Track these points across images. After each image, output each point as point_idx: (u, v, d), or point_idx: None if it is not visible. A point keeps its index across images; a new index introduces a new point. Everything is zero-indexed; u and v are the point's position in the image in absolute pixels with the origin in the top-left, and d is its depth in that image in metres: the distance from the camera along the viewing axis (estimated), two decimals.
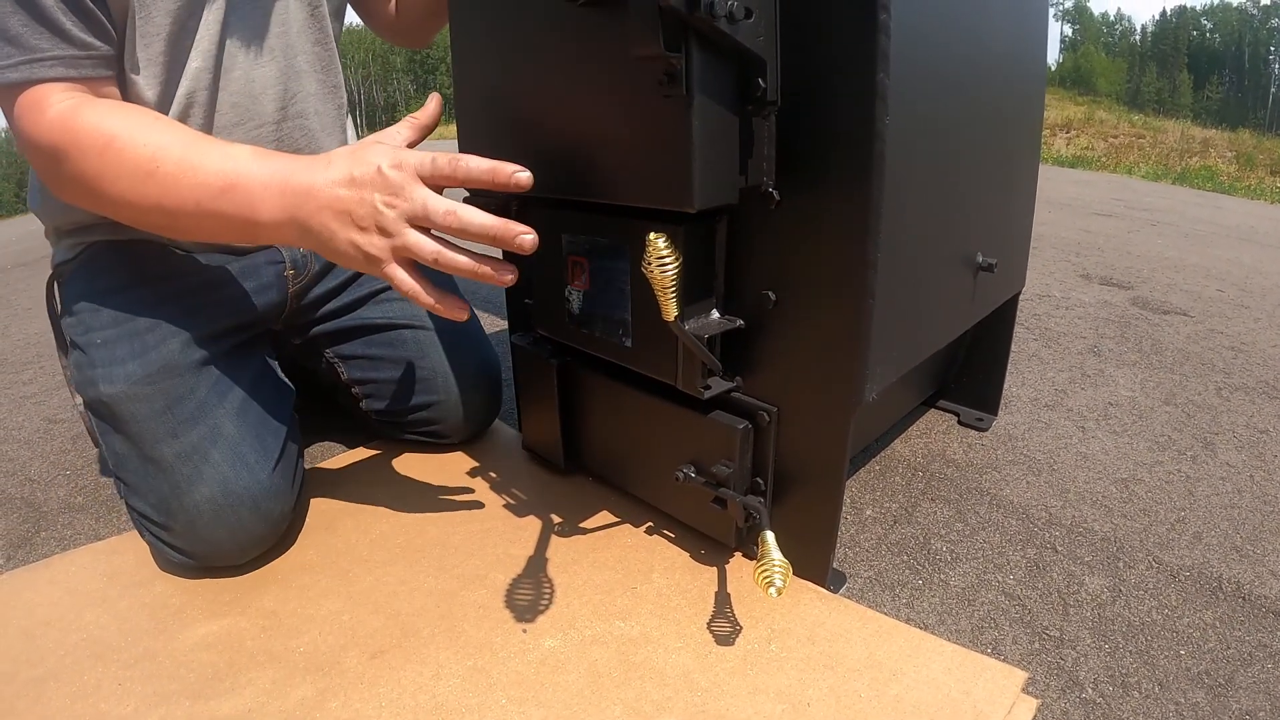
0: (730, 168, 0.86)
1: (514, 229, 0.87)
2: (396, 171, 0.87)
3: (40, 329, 2.55)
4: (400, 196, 0.86)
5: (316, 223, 0.90)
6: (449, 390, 1.36)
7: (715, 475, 1.01)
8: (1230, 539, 1.16)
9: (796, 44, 0.82)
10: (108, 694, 0.91)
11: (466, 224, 0.87)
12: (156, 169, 0.94)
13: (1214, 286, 2.58)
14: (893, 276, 0.88)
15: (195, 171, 0.94)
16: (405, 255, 0.89)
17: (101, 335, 1.13)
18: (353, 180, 0.88)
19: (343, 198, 0.88)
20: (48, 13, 0.94)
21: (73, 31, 0.96)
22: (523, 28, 0.98)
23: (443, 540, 1.17)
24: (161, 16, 1.04)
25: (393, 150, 0.89)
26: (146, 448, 1.08)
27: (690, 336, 0.89)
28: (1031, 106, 1.28)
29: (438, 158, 0.88)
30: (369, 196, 0.87)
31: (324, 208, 0.89)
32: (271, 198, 0.92)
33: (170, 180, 0.94)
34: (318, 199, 0.89)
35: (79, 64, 0.98)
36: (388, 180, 0.87)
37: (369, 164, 0.88)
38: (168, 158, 0.94)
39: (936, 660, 0.92)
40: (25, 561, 1.20)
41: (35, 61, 0.95)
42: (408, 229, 0.87)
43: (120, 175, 0.95)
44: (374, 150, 0.89)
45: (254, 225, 0.94)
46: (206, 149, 0.96)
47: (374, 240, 0.88)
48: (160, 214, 0.97)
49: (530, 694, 0.88)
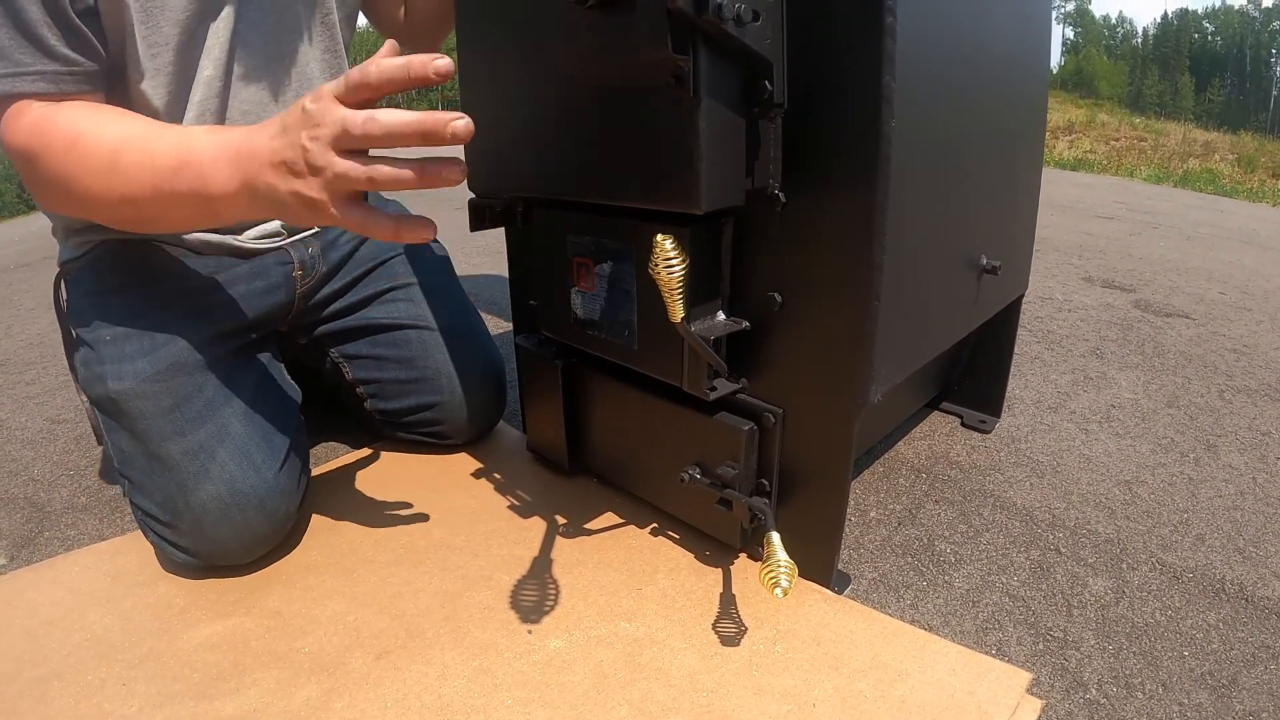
0: (737, 170, 0.86)
1: (443, 116, 0.81)
2: (315, 103, 0.84)
3: (43, 329, 2.55)
4: (320, 125, 0.83)
5: (261, 183, 0.88)
6: (453, 391, 1.37)
7: (720, 476, 1.02)
8: (1233, 541, 1.16)
9: (803, 46, 0.82)
10: (112, 694, 0.91)
11: (389, 126, 0.82)
12: (118, 160, 0.94)
13: (1216, 289, 2.58)
14: (898, 279, 0.88)
15: (151, 156, 0.93)
16: (341, 187, 0.85)
17: (110, 332, 1.13)
18: (284, 128, 0.86)
19: (277, 149, 0.86)
20: (33, 28, 0.94)
21: (56, 47, 0.97)
22: (530, 29, 0.99)
23: (447, 541, 1.18)
24: (170, 27, 1.05)
25: (317, 90, 0.86)
26: (153, 445, 1.09)
27: (696, 338, 0.89)
28: (1034, 109, 1.28)
29: (351, 72, 0.83)
30: (296, 136, 0.84)
31: (264, 165, 0.87)
32: (222, 168, 0.91)
33: (133, 169, 0.94)
34: (259, 157, 0.88)
35: (60, 80, 0.99)
36: (309, 114, 0.84)
37: (295, 107, 0.86)
38: (128, 148, 0.94)
39: (941, 661, 0.92)
40: (29, 561, 1.20)
41: (18, 76, 0.96)
42: (334, 157, 0.83)
43: (86, 171, 0.95)
44: (304, 96, 0.87)
45: (209, 200, 0.93)
46: (162, 133, 0.96)
47: (309, 182, 0.85)
48: (126, 205, 0.97)
49: (536, 695, 0.89)
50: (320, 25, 1.23)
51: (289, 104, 1.19)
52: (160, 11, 1.03)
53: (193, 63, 1.09)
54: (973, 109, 1.03)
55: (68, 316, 1.23)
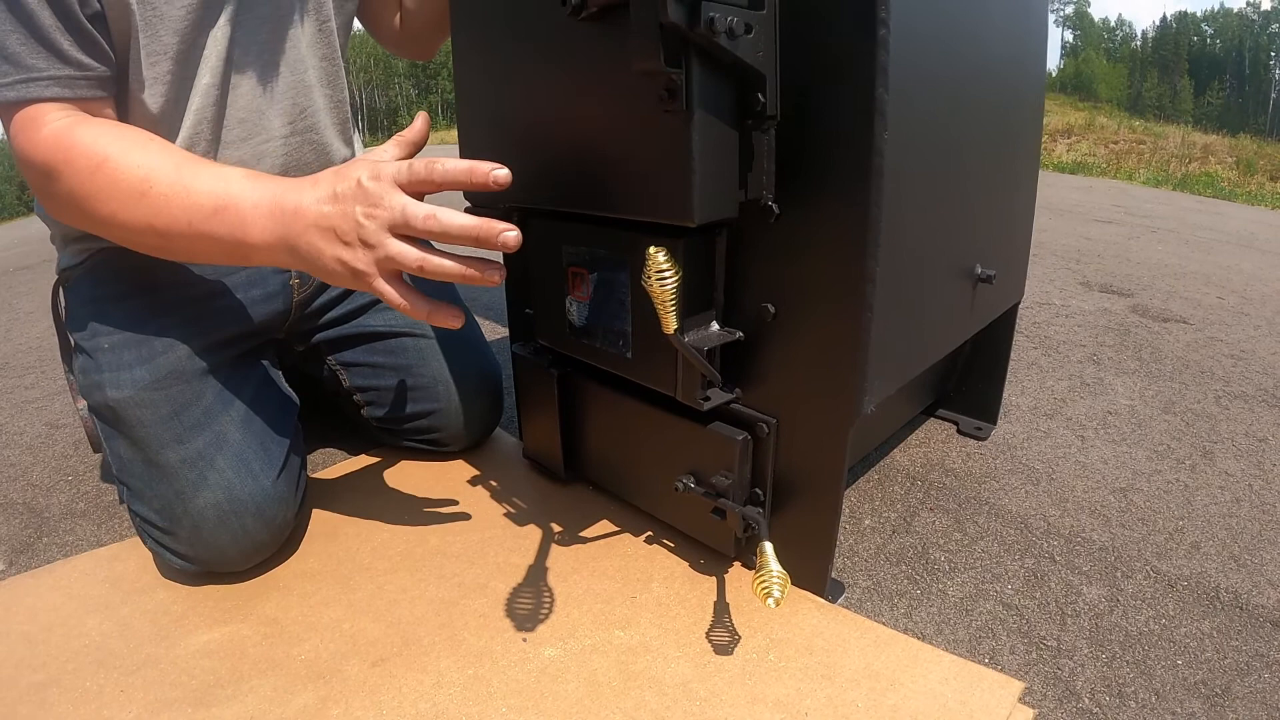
0: (730, 182, 0.86)
1: (496, 227, 0.86)
2: (374, 182, 0.87)
3: (42, 333, 2.56)
4: (379, 206, 0.86)
5: (304, 242, 0.90)
6: (450, 398, 1.37)
7: (714, 486, 1.02)
8: (1228, 548, 1.16)
9: (796, 59, 0.82)
10: (110, 700, 0.91)
11: (447, 226, 0.86)
12: (149, 190, 0.95)
13: (1214, 294, 2.58)
14: (891, 289, 0.89)
15: (188, 193, 0.94)
16: (390, 267, 0.88)
17: (109, 340, 1.13)
18: (335, 196, 0.89)
19: (327, 214, 0.89)
20: (46, 32, 0.94)
21: (70, 52, 0.97)
22: (525, 41, 0.99)
23: (443, 548, 1.18)
24: (169, 36, 1.05)
25: (373, 163, 0.89)
26: (152, 453, 1.09)
27: (690, 349, 0.89)
28: (1031, 117, 1.28)
29: (414, 163, 0.88)
30: (350, 210, 0.87)
31: (310, 226, 0.90)
32: (261, 219, 0.92)
33: (162, 201, 0.95)
34: (304, 218, 0.90)
35: (74, 84, 0.99)
36: (366, 191, 0.87)
37: (350, 179, 0.88)
38: (160, 179, 0.95)
39: (934, 670, 0.92)
40: (27, 567, 1.20)
41: (32, 81, 0.96)
42: (389, 239, 0.87)
43: (112, 195, 0.96)
44: (356, 166, 0.90)
45: (245, 246, 0.94)
46: (198, 170, 0.96)
47: (358, 254, 0.88)
48: (152, 235, 0.97)
49: (530, 703, 0.89)
50: (317, 33, 1.23)
51: (285, 110, 1.20)
52: (160, 21, 1.04)
53: (191, 71, 1.10)
54: (968, 118, 1.04)
55: (66, 324, 1.23)
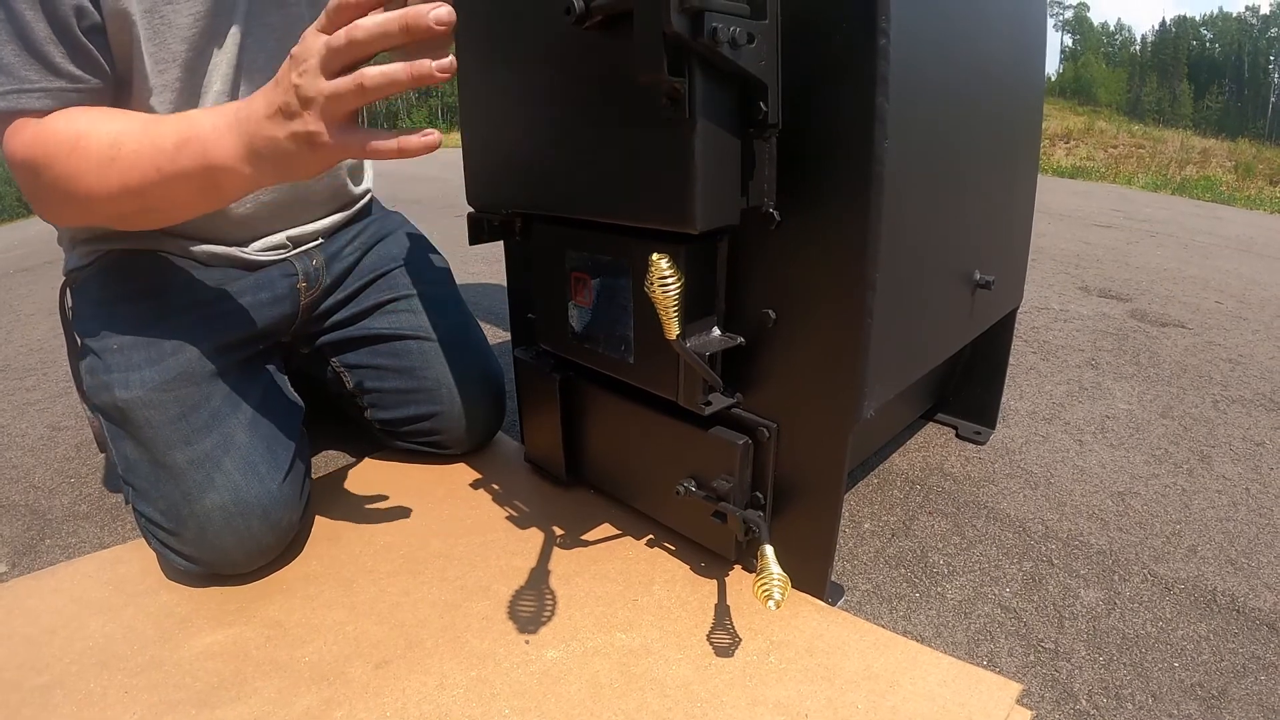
0: (732, 189, 0.87)
1: (423, 7, 0.81)
2: (299, 45, 0.86)
3: (43, 335, 2.56)
4: (306, 60, 0.85)
5: (261, 139, 0.89)
6: (452, 401, 1.38)
7: (715, 489, 1.03)
8: (1225, 552, 1.17)
9: (797, 68, 0.83)
10: (113, 702, 0.92)
11: (370, 29, 0.83)
12: (119, 152, 0.95)
13: (1212, 298, 2.59)
14: (891, 295, 0.89)
15: (154, 140, 0.95)
16: (336, 109, 0.86)
17: (117, 341, 1.14)
18: (275, 81, 0.88)
19: (271, 99, 0.88)
20: (39, 44, 0.96)
21: (61, 64, 0.98)
22: (528, 49, 1.00)
23: (446, 552, 1.18)
24: (177, 44, 1.06)
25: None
26: (159, 453, 1.10)
27: (691, 354, 0.90)
28: (1029, 122, 1.29)
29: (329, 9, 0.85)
30: (286, 80, 0.86)
31: (261, 120, 0.89)
32: (223, 136, 0.92)
33: (133, 157, 0.95)
34: (256, 113, 0.89)
35: (65, 96, 1.00)
36: (293, 56, 0.86)
37: (284, 61, 0.88)
38: (128, 138, 0.95)
39: (932, 672, 0.93)
40: (30, 569, 1.21)
41: (23, 92, 0.97)
42: (324, 82, 0.84)
43: (89, 169, 0.96)
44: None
45: (214, 171, 0.93)
46: (163, 119, 0.97)
47: (305, 118, 0.86)
48: (129, 197, 0.97)
49: (532, 705, 0.89)
50: None
51: None
52: (168, 29, 1.04)
53: (200, 79, 1.11)
54: (967, 124, 1.04)
55: (73, 324, 1.24)
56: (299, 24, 1.17)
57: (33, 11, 0.94)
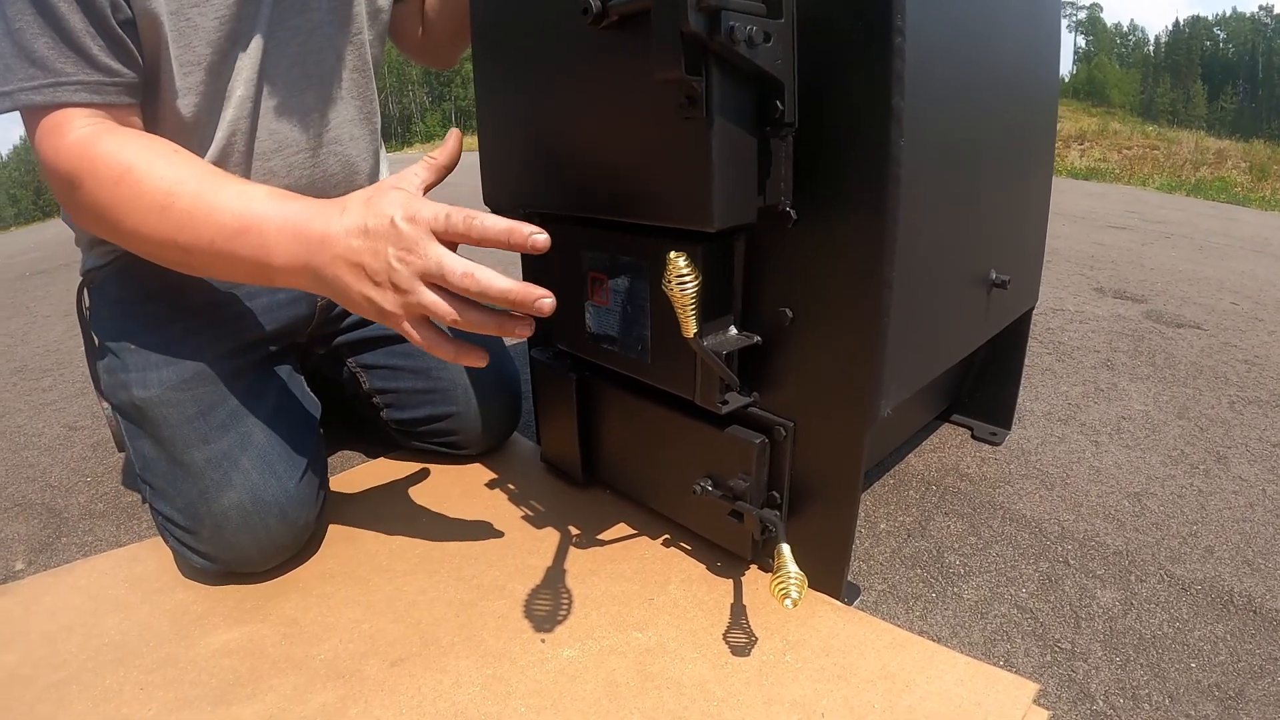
0: (749, 188, 0.87)
1: (533, 293, 0.84)
2: (410, 225, 0.85)
3: (59, 336, 2.58)
4: (414, 253, 0.85)
5: (330, 273, 0.89)
6: (468, 401, 1.38)
7: (732, 489, 1.03)
8: (1242, 552, 1.16)
9: (813, 67, 0.83)
10: (129, 698, 0.92)
11: (485, 288, 0.84)
12: (172, 204, 0.93)
13: (1228, 299, 2.58)
14: (908, 294, 0.89)
15: (211, 210, 0.93)
16: (420, 313, 0.88)
17: (135, 340, 1.15)
18: (366, 231, 0.87)
19: (356, 249, 0.87)
20: (75, 36, 0.94)
21: (99, 57, 0.96)
22: (545, 48, 1.00)
23: (462, 550, 1.19)
24: (202, 46, 1.06)
25: (407, 199, 0.88)
26: (177, 452, 1.10)
27: (709, 353, 0.90)
28: (1044, 122, 1.29)
29: (453, 213, 0.86)
30: (382, 249, 0.86)
31: (338, 258, 0.88)
32: (285, 243, 0.91)
33: (185, 217, 0.93)
34: (332, 248, 0.88)
35: (103, 90, 0.98)
36: (401, 234, 0.85)
37: (383, 215, 0.86)
38: (183, 193, 0.93)
39: (949, 672, 0.93)
40: (46, 566, 1.21)
41: (59, 85, 0.95)
42: (422, 287, 0.85)
43: (135, 209, 0.95)
44: (389, 199, 0.88)
45: (268, 269, 0.93)
46: (221, 186, 0.95)
47: (388, 296, 0.87)
48: (175, 250, 0.96)
49: (549, 703, 0.90)
50: (349, 45, 1.24)
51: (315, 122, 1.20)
52: (193, 32, 1.04)
53: (224, 83, 1.10)
54: (982, 124, 1.04)
55: (90, 324, 1.24)
56: (319, 29, 1.17)
57: (67, 4, 0.92)
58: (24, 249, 5.28)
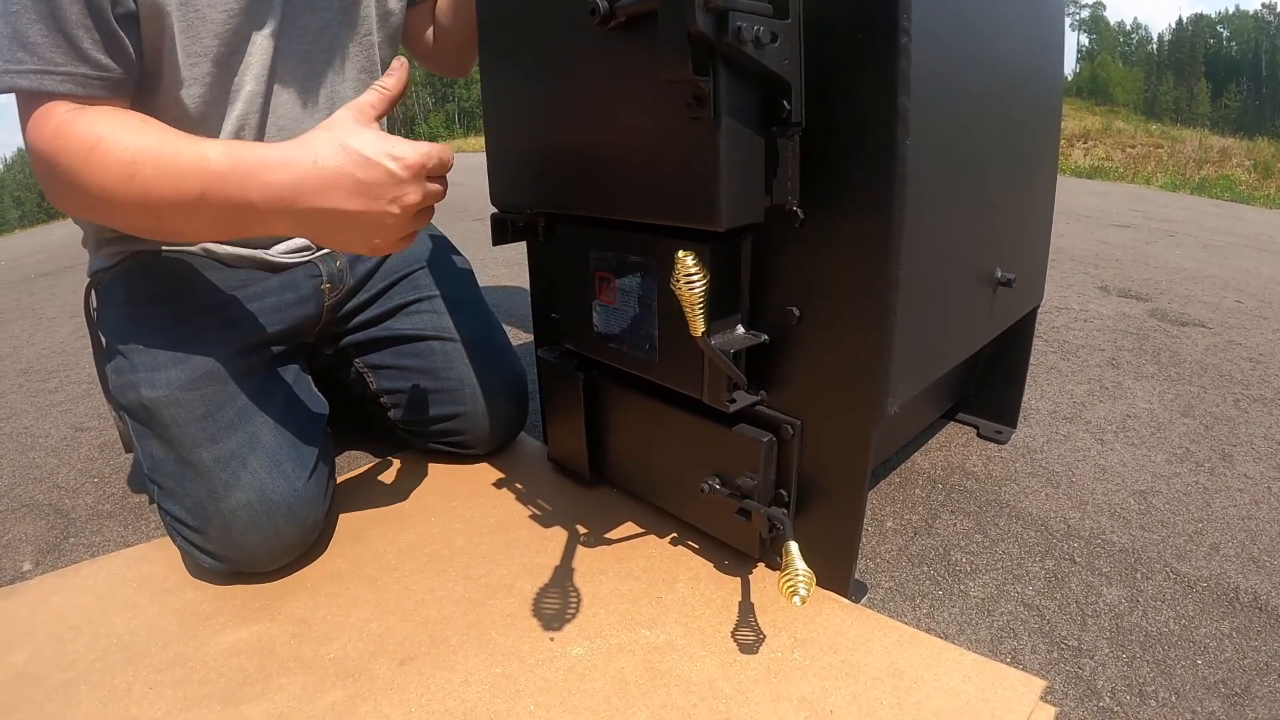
0: (756, 187, 0.87)
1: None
2: (404, 170, 0.95)
3: (64, 338, 2.58)
4: (409, 187, 0.95)
5: (318, 204, 0.94)
6: (475, 401, 1.38)
7: (740, 487, 1.03)
8: (1248, 550, 1.16)
9: (820, 67, 0.84)
10: (138, 698, 0.93)
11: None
12: (137, 171, 0.94)
13: (1232, 298, 2.57)
14: (914, 293, 0.90)
15: (178, 167, 0.95)
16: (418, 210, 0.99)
17: (143, 341, 1.15)
18: (354, 175, 0.93)
19: (349, 183, 0.94)
20: (69, 28, 0.94)
21: (89, 51, 0.97)
22: (552, 49, 1.00)
23: (470, 549, 1.19)
24: (210, 38, 1.06)
25: (382, 141, 0.95)
26: (185, 452, 1.10)
27: (716, 351, 0.90)
28: (1049, 121, 1.29)
29: (430, 152, 0.97)
30: (381, 192, 0.94)
31: (329, 188, 0.93)
32: (262, 184, 0.94)
33: (152, 179, 0.94)
34: (320, 178, 0.93)
35: (89, 84, 0.99)
36: (398, 179, 0.95)
37: (370, 161, 0.93)
38: (146, 157, 0.94)
39: (956, 669, 0.93)
40: (54, 567, 1.22)
41: (46, 74, 0.96)
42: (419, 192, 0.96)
43: (105, 176, 0.95)
44: (363, 140, 0.94)
45: (245, 210, 0.96)
46: (184, 143, 0.96)
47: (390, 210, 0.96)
48: (146, 215, 0.98)
49: (558, 700, 0.90)
50: (356, 46, 1.24)
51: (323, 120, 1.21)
52: (201, 23, 1.05)
53: (231, 76, 1.11)
54: (987, 123, 1.05)
55: (98, 325, 1.25)
56: (330, 28, 1.18)
57: None
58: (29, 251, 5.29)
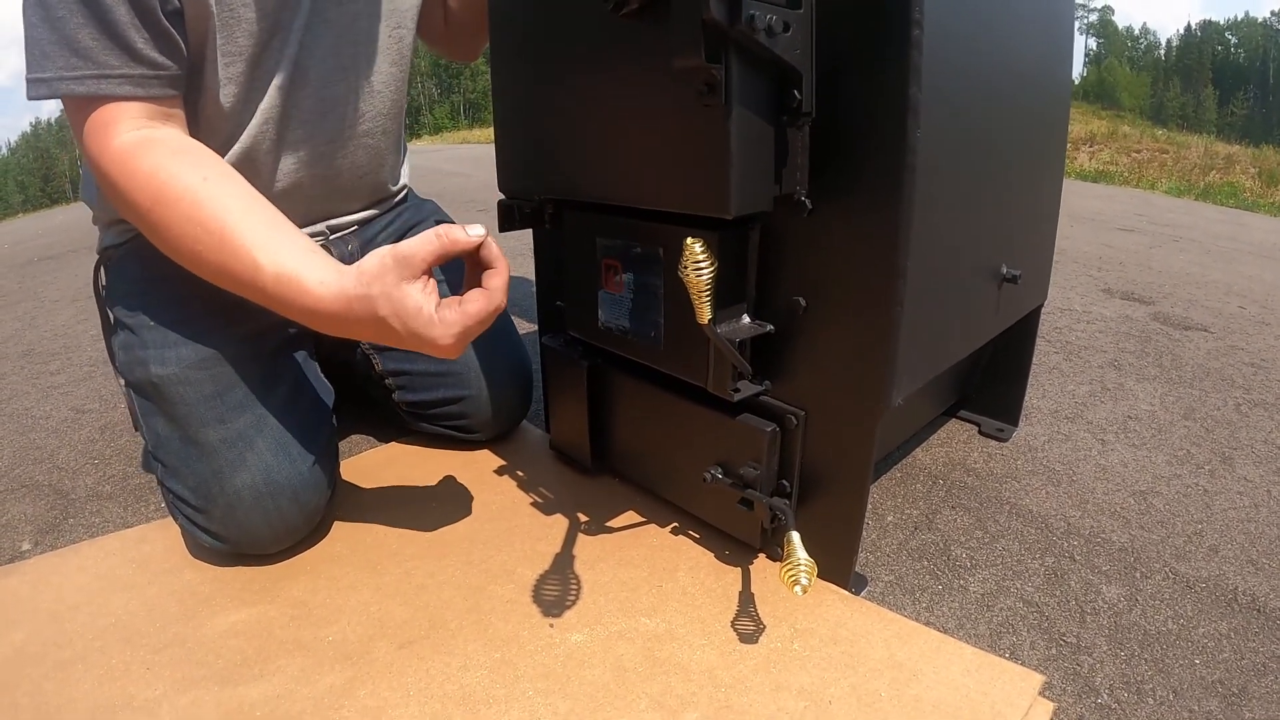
0: (766, 176, 0.87)
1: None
2: (425, 327, 0.92)
3: (67, 321, 2.58)
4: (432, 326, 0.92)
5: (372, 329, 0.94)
6: (480, 385, 1.38)
7: (742, 477, 1.03)
8: (1247, 552, 1.17)
9: (831, 57, 0.83)
10: (136, 677, 0.93)
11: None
12: (198, 243, 0.96)
13: (1235, 303, 2.57)
14: (920, 285, 0.90)
15: (230, 265, 0.96)
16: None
17: (153, 318, 1.15)
18: (385, 320, 0.92)
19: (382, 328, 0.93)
20: (120, 29, 0.94)
21: (143, 50, 0.97)
22: (563, 35, 1.00)
23: (471, 535, 1.19)
24: (244, 38, 1.07)
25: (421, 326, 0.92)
26: (192, 430, 1.10)
27: (722, 340, 0.90)
28: (1057, 120, 1.29)
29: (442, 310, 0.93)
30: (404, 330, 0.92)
31: (371, 320, 0.93)
32: (296, 313, 0.96)
33: (207, 258, 0.97)
34: (368, 308, 0.92)
35: (147, 83, 0.99)
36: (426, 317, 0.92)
37: (394, 316, 0.92)
38: (210, 240, 0.96)
39: (955, 662, 0.93)
40: (54, 547, 1.22)
41: (104, 78, 0.95)
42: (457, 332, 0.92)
43: (168, 237, 0.98)
44: (406, 308, 0.92)
45: (312, 316, 0.96)
46: (240, 243, 0.96)
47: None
48: (195, 269, 1.00)
49: (557, 686, 0.90)
50: (389, 38, 1.25)
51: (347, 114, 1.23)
52: (236, 23, 1.05)
53: (261, 73, 1.12)
54: (997, 118, 1.04)
55: (106, 301, 1.25)
56: (357, 20, 1.18)
57: None
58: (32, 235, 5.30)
